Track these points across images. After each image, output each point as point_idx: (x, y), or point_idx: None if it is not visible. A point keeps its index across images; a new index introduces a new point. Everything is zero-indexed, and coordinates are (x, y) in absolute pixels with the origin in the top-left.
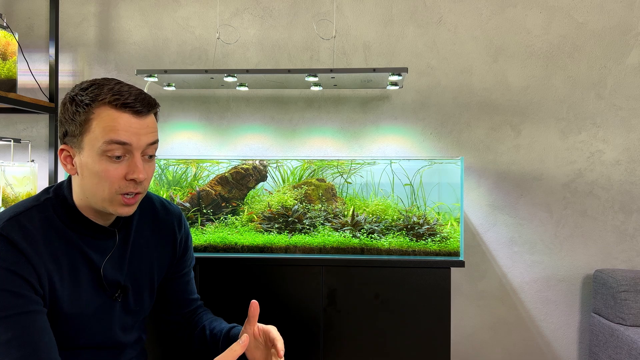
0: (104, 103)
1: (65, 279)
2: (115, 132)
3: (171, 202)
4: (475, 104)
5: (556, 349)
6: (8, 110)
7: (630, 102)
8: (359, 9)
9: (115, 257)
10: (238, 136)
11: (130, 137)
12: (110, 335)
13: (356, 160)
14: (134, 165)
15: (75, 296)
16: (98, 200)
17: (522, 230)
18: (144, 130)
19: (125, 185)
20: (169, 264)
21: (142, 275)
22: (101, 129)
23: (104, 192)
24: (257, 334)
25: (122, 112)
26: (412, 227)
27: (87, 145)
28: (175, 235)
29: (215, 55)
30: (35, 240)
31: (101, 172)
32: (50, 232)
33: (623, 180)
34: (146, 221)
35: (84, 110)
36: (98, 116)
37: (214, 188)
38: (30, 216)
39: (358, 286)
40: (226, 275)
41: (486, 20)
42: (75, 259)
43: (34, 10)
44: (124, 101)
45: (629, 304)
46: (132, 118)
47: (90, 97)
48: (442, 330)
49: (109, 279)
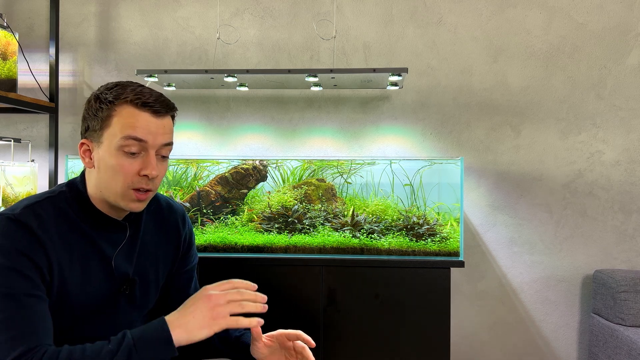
0: (126, 101)
1: (76, 269)
2: (134, 128)
3: (175, 201)
4: (475, 104)
5: (556, 349)
6: (8, 110)
7: (630, 103)
8: (359, 9)
9: (125, 249)
10: (238, 136)
11: (147, 135)
12: (115, 329)
13: (356, 161)
14: (148, 162)
15: (85, 287)
16: (111, 194)
17: (522, 231)
18: (161, 130)
19: (138, 180)
20: (173, 260)
21: (148, 270)
22: (121, 125)
23: (117, 185)
24: (267, 343)
25: (142, 111)
26: (412, 227)
27: (106, 140)
28: (180, 232)
29: (216, 55)
30: (49, 228)
31: (117, 166)
32: (64, 222)
33: (623, 181)
34: (153, 219)
35: (107, 107)
36: (119, 113)
37: (214, 188)
38: (45, 206)
39: (358, 286)
40: (226, 275)
41: (486, 20)
42: (87, 250)
43: (34, 10)
44: (144, 100)
45: (628, 305)
46: (150, 117)
47: (113, 95)
48: (442, 330)
49: (119, 271)
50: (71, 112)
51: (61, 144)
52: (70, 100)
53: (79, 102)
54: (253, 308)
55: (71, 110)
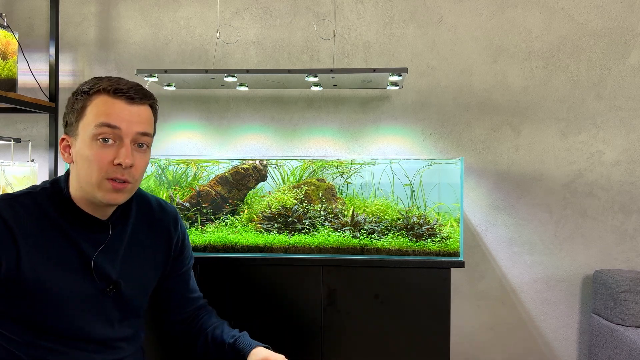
0: (100, 91)
1: (51, 264)
2: (107, 115)
3: (167, 202)
4: (475, 105)
5: (556, 349)
6: (8, 110)
7: (630, 103)
8: (359, 9)
9: (108, 250)
10: (238, 136)
11: (120, 122)
12: (100, 329)
13: (356, 161)
14: (121, 151)
15: (63, 283)
16: (89, 186)
17: (521, 231)
18: (135, 118)
19: (112, 170)
20: (164, 263)
21: (136, 273)
22: (94, 114)
23: (92, 176)
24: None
25: (115, 99)
26: (412, 227)
27: (81, 131)
28: (171, 235)
29: (216, 55)
30: (23, 222)
31: (91, 155)
32: (43, 218)
33: (623, 181)
34: (143, 221)
35: (82, 98)
36: (93, 102)
37: (214, 188)
38: (23, 201)
39: (358, 286)
40: (226, 275)
41: (486, 20)
42: (64, 247)
43: (34, 10)
44: (117, 87)
45: (628, 305)
46: (124, 105)
47: (89, 86)
48: (442, 331)
49: (100, 271)
50: None
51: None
52: None
53: None
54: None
55: None
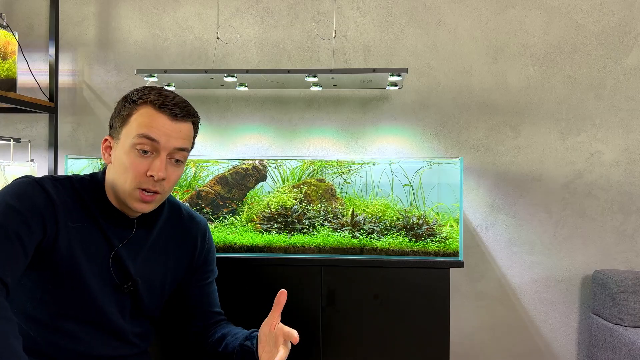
0: (147, 102)
1: (82, 247)
2: (149, 128)
3: (198, 214)
4: (474, 105)
5: (555, 349)
6: (8, 110)
7: (630, 103)
8: (359, 9)
9: (130, 247)
10: (238, 136)
11: (160, 136)
12: (118, 320)
13: (356, 161)
14: (155, 163)
15: (89, 266)
16: (121, 191)
17: (521, 231)
18: (175, 133)
19: (145, 180)
20: (184, 271)
21: (155, 275)
22: (137, 124)
23: (125, 183)
24: (273, 326)
25: (160, 113)
26: (412, 227)
27: (123, 137)
28: (196, 246)
29: (215, 55)
30: (64, 201)
31: (128, 163)
32: (77, 201)
33: (622, 181)
34: (170, 227)
35: (129, 106)
36: (139, 112)
37: (214, 188)
38: (64, 182)
39: (357, 286)
40: (225, 275)
41: (486, 20)
42: (94, 234)
43: (34, 10)
44: (163, 102)
45: (627, 305)
46: (167, 120)
47: (138, 96)
48: (441, 331)
49: (120, 264)
50: (70, 112)
51: (60, 144)
52: (70, 100)
53: (78, 102)
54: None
55: (70, 110)
